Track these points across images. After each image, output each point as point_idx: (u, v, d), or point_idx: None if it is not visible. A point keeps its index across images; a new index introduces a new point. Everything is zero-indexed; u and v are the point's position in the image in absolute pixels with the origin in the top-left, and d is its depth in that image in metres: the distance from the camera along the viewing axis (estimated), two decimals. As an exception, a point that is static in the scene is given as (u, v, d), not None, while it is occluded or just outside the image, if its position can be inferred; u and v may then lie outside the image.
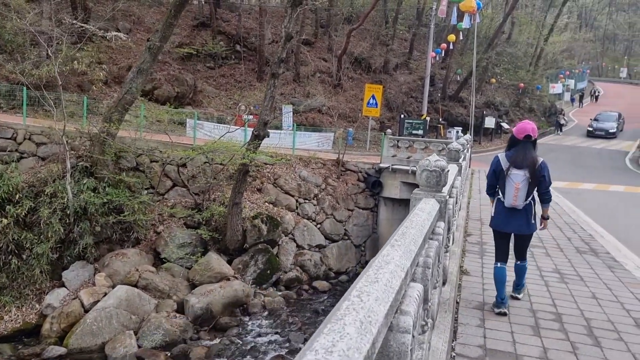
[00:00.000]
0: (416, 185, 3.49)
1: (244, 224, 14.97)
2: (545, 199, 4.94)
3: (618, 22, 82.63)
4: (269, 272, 15.13)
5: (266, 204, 16.91)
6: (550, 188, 4.96)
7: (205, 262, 13.72)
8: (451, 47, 26.09)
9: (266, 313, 13.31)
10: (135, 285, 12.48)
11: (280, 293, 14.68)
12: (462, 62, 33.54)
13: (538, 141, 5.19)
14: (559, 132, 37.41)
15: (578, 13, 71.17)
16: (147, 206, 14.19)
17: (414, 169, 18.40)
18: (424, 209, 2.58)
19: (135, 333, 11.32)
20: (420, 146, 18.38)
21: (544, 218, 5.14)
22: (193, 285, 13.29)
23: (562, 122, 38.71)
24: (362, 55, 30.50)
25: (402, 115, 27.26)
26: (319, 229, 17.58)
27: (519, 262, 5.10)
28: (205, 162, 16.00)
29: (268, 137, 13.88)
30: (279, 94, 26.53)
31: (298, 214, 17.45)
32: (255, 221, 15.46)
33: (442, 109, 30.89)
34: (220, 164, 15.94)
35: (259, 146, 13.76)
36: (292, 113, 23.77)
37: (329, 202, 18.05)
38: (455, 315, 4.14)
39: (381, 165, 18.82)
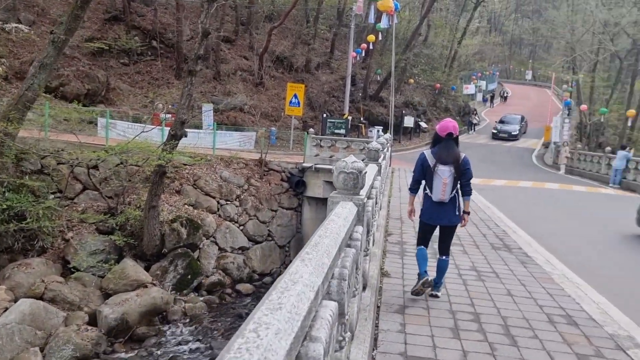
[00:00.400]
0: (340, 185, 3.68)
1: (162, 227, 14.30)
2: (467, 190, 5.16)
3: (524, 27, 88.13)
4: (189, 277, 14.55)
5: (186, 206, 16.27)
6: (470, 182, 5.19)
7: (120, 270, 12.93)
8: (371, 47, 26.54)
9: (187, 320, 12.79)
10: (41, 298, 11.51)
11: (202, 298, 14.18)
12: (382, 62, 34.28)
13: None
14: (471, 131, 39.25)
15: (488, 18, 75.17)
16: (54, 212, 13.16)
17: (337, 168, 18.49)
18: (340, 214, 2.44)
19: (42, 350, 10.43)
20: (343, 145, 18.49)
21: (466, 213, 5.24)
22: (107, 295, 12.47)
23: (475, 121, 40.57)
24: (283, 53, 30.31)
25: (325, 115, 27.40)
26: (241, 230, 17.20)
27: (443, 257, 5.27)
28: (119, 164, 15.12)
29: (186, 136, 13.33)
30: (199, 92, 25.76)
31: (220, 215, 16.96)
32: (174, 225, 14.83)
33: (363, 109, 31.41)
34: (136, 165, 15.13)
35: (177, 146, 13.18)
36: (212, 112, 23.14)
37: (251, 203, 17.70)
38: (376, 321, 4.05)
39: (304, 164, 18.75)
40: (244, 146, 20.32)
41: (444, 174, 4.98)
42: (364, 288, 3.89)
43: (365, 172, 3.17)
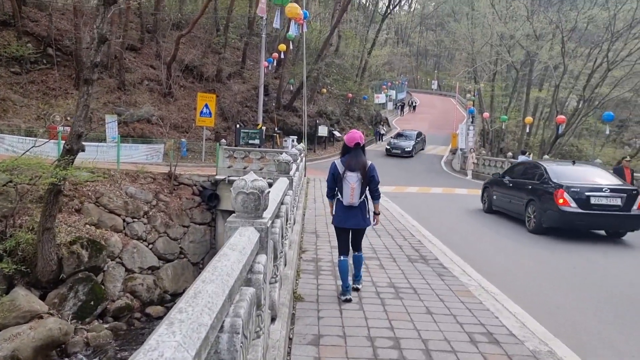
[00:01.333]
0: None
1: (59, 251, 13.05)
2: (376, 195, 5.60)
3: (428, 39, 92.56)
4: (92, 303, 13.39)
5: (87, 226, 15.04)
6: (378, 187, 5.61)
7: (9, 301, 11.59)
8: (282, 56, 26.32)
9: (90, 351, 11.70)
10: None
11: (107, 325, 13.07)
12: (295, 72, 34.25)
13: (367, 148, 6.14)
14: (379, 141, 40.09)
15: (395, 30, 78.02)
16: None
17: (251, 179, 17.99)
18: (236, 246, 2.08)
19: None
20: (256, 156, 18.05)
21: (376, 214, 5.75)
22: (-6, 331, 11.12)
23: (382, 131, 41.44)
24: (193, 63, 29.33)
25: (238, 125, 26.81)
26: (150, 249, 16.19)
27: (356, 253, 5.75)
28: (7, 182, 13.66)
29: (83, 150, 12.27)
30: (102, 103, 24.25)
31: (126, 234, 15.87)
32: (73, 247, 13.61)
33: (277, 119, 31.13)
34: (27, 183, 13.74)
35: (73, 162, 12.09)
36: (116, 124, 21.79)
37: (161, 220, 16.75)
38: (288, 357, 3.67)
39: (217, 177, 18.08)
40: (152, 159, 19.25)
41: (352, 179, 5.40)
42: (273, 320, 3.50)
43: (269, 192, 2.84)
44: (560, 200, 10.66)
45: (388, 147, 34.15)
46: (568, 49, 27.05)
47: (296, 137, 28.90)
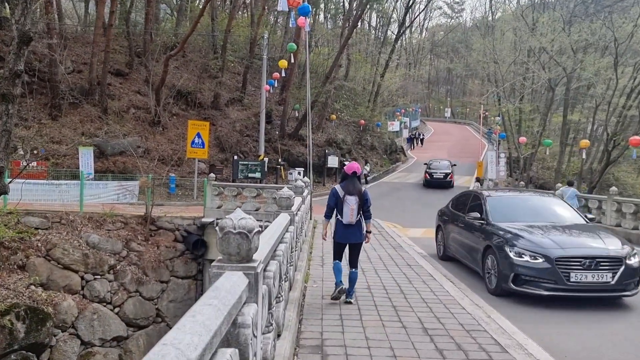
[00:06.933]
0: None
1: (-21, 327, 9.70)
2: (367, 215, 6.61)
3: (439, 67, 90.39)
4: (27, 396, 9.97)
5: (32, 287, 11.74)
6: (370, 208, 6.60)
7: None
8: (284, 74, 23.16)
9: None
10: None
11: None
12: (300, 96, 31.12)
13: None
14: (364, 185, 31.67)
15: (407, 56, 75.68)
16: None
17: (245, 222, 14.66)
18: (218, 294, 1.85)
19: None
20: (252, 194, 14.71)
21: (368, 232, 6.72)
22: None
23: (366, 171, 31.51)
24: (186, 88, 26.40)
25: (235, 157, 23.65)
26: (117, 313, 12.85)
27: (353, 270, 6.61)
28: None
29: (6, 192, 9.04)
30: (79, 133, 21.25)
31: (84, 296, 12.55)
32: (4, 319, 10.27)
33: (281, 149, 27.91)
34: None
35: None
36: (92, 157, 18.72)
37: (132, 275, 13.38)
38: None
39: (204, 219, 14.79)
40: (125, 199, 15.97)
41: (351, 202, 6.41)
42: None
43: (258, 231, 2.48)
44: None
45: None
46: (624, 61, 23.74)
47: (303, 169, 25.63)
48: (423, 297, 6.51)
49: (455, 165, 31.76)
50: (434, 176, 29.76)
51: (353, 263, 6.55)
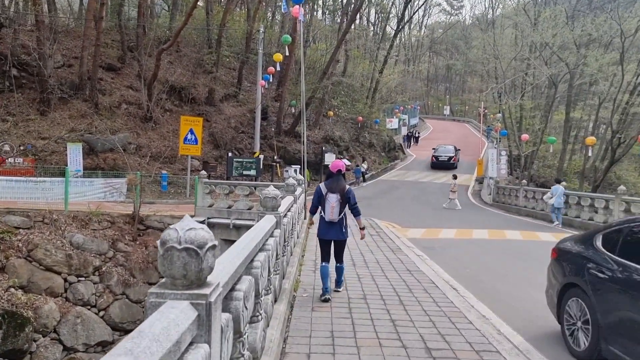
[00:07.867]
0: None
1: (-50, 335, 9.12)
2: (355, 212, 6.74)
3: (438, 65, 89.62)
4: (2, 407, 9.39)
5: (11, 290, 11.16)
6: (357, 205, 6.69)
7: None
8: (278, 68, 22.40)
9: None
10: None
11: None
12: (297, 92, 30.38)
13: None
14: (362, 182, 31.13)
15: (405, 54, 74.93)
16: None
17: (237, 222, 14.06)
18: (137, 345, 1.25)
19: None
20: (244, 192, 14.13)
21: (361, 228, 6.93)
22: None
23: (363, 169, 30.63)
24: (180, 83, 25.73)
25: (230, 154, 23.05)
26: (102, 317, 12.29)
27: (338, 264, 6.78)
28: None
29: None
30: (68, 130, 20.62)
31: (67, 299, 11.97)
32: (-21, 325, 9.68)
33: (277, 146, 27.30)
34: None
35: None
36: (81, 153, 18.10)
37: (118, 277, 12.82)
38: None
39: (195, 218, 14.10)
40: (112, 197, 15.35)
41: (332, 199, 6.49)
42: None
43: (213, 245, 1.85)
44: None
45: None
46: (628, 57, 23.07)
47: (299, 166, 25.03)
48: (425, 308, 5.89)
49: (459, 150, 37.32)
50: (439, 159, 35.45)
51: (338, 258, 6.71)
